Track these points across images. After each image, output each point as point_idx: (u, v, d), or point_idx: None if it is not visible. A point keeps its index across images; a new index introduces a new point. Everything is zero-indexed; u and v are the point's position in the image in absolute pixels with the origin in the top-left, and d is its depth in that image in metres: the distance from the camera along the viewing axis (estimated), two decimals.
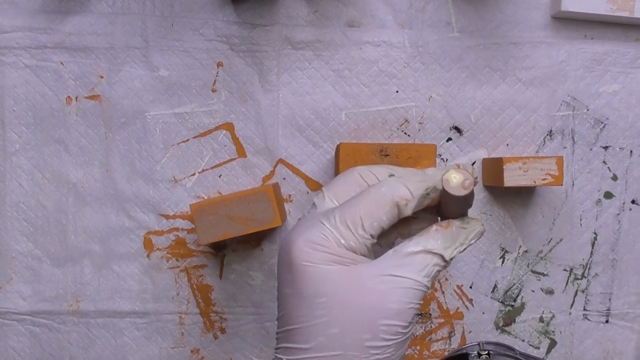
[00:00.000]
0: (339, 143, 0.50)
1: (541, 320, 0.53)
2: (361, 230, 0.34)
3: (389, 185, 0.35)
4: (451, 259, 0.35)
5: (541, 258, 0.53)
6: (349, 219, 0.34)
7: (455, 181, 0.33)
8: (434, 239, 0.34)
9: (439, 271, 0.34)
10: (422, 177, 0.36)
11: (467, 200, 0.35)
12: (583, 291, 0.53)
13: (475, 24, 0.52)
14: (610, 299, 0.53)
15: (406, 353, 0.53)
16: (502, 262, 0.53)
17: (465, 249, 0.35)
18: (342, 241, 0.33)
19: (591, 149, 0.52)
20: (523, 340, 0.53)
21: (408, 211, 0.35)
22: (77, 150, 0.52)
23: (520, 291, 0.53)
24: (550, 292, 0.53)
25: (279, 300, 0.35)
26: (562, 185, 0.48)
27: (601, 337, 0.53)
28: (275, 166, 0.52)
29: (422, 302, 0.34)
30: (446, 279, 0.53)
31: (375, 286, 0.33)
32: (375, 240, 0.35)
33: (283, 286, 0.34)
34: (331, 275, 0.33)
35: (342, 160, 0.48)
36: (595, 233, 0.53)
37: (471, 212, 0.37)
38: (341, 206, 0.35)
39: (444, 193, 0.34)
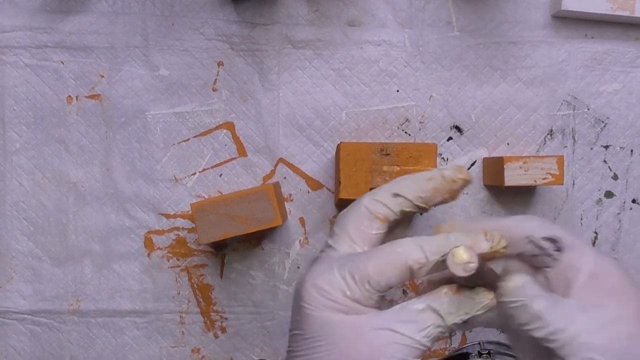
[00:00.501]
0: (339, 142, 0.50)
1: None
2: (368, 286, 0.34)
3: (405, 246, 0.34)
4: (455, 325, 0.34)
5: None
6: (358, 274, 0.34)
7: (459, 259, 0.32)
8: (441, 301, 0.34)
9: (441, 332, 0.34)
10: (443, 241, 0.34)
11: (472, 278, 0.33)
12: None
13: (475, 23, 0.52)
14: None
15: None
16: None
17: (469, 318, 0.34)
18: (348, 293, 0.34)
19: (592, 148, 0.53)
20: None
21: (421, 275, 0.34)
22: (77, 149, 0.52)
23: None
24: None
25: (289, 337, 0.36)
26: (562, 184, 0.48)
27: None
28: (275, 165, 0.52)
29: None
30: None
31: (373, 338, 0.33)
32: (383, 294, 0.35)
33: (291, 324, 0.36)
34: (332, 322, 0.34)
35: (343, 159, 0.48)
36: (595, 232, 0.53)
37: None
38: (354, 258, 0.35)
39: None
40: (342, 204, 0.44)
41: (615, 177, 0.53)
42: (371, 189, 0.45)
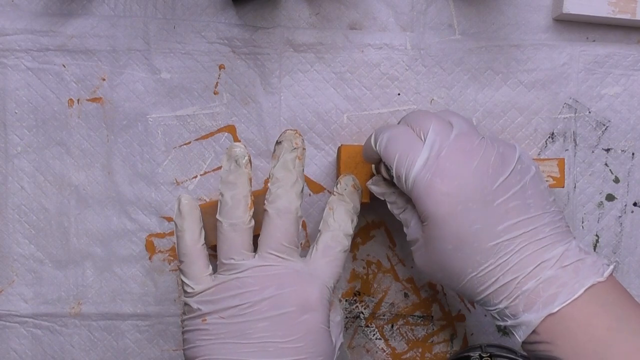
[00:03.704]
0: (340, 145, 0.50)
1: None
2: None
3: None
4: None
5: None
6: None
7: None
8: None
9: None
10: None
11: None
12: None
13: (477, 26, 0.52)
14: None
15: (408, 356, 0.53)
16: None
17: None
18: None
19: (593, 152, 0.53)
20: None
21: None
22: (79, 152, 0.52)
23: None
24: None
25: None
26: (564, 187, 0.48)
27: None
28: None
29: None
30: None
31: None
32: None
33: None
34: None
35: (344, 162, 0.48)
36: (597, 235, 0.53)
37: None
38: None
39: None
40: None
41: (616, 180, 0.53)
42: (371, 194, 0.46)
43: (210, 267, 0.42)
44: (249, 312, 0.38)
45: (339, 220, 0.43)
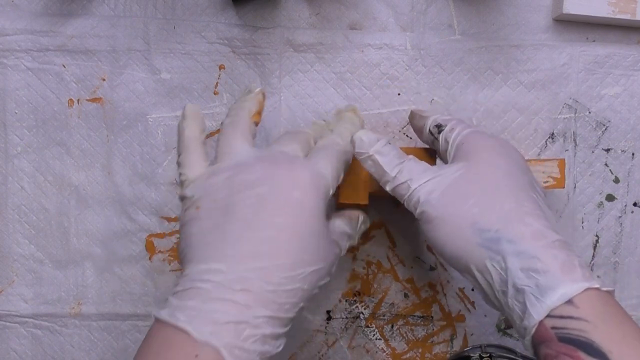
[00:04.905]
0: None
1: None
2: None
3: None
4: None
5: None
6: None
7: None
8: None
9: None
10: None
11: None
12: None
13: (477, 26, 0.52)
14: None
15: (407, 356, 0.53)
16: None
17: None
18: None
19: (593, 152, 0.53)
20: None
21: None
22: (79, 152, 0.52)
23: None
24: None
25: None
26: (564, 187, 0.48)
27: None
28: None
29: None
30: (448, 282, 0.53)
31: None
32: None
33: None
34: None
35: None
36: (597, 236, 0.53)
37: None
38: None
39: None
40: (341, 208, 0.44)
41: (616, 181, 0.53)
42: (371, 192, 0.46)
43: (208, 162, 0.40)
44: (238, 189, 0.36)
45: (337, 131, 0.43)
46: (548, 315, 0.33)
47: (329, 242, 0.38)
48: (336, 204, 0.51)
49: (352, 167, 0.47)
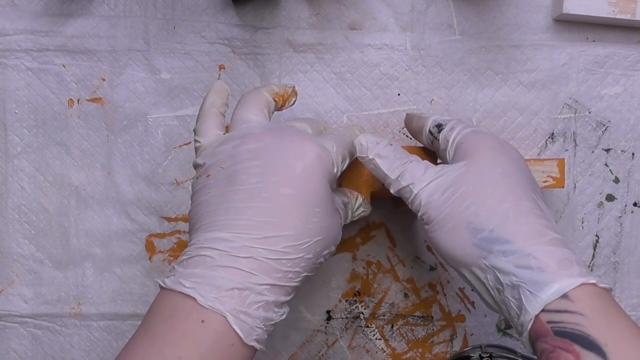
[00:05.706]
0: None
1: None
2: None
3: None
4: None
5: None
6: None
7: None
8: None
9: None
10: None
11: None
12: None
13: (476, 26, 0.52)
14: None
15: (408, 356, 0.53)
16: None
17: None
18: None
19: (593, 152, 0.53)
20: None
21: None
22: (79, 153, 0.52)
23: None
24: None
25: None
26: (563, 187, 0.48)
27: None
28: None
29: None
30: (448, 282, 0.53)
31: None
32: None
33: None
34: None
35: None
36: (597, 236, 0.53)
37: None
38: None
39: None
40: None
41: (616, 181, 0.53)
42: (371, 193, 0.46)
43: (223, 132, 0.41)
44: (245, 158, 0.37)
45: (344, 131, 0.43)
46: (544, 310, 0.33)
47: (332, 212, 0.38)
48: None
49: (355, 166, 0.47)
